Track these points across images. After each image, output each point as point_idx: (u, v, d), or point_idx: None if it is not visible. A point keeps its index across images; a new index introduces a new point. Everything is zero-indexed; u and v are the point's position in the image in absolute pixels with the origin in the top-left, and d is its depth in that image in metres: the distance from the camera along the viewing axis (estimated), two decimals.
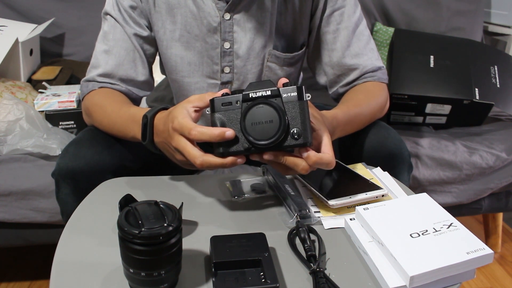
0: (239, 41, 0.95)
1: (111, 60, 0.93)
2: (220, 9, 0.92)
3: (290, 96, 0.64)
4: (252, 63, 0.97)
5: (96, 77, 0.93)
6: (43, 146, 1.19)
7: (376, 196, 0.72)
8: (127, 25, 0.93)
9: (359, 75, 0.96)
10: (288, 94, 0.64)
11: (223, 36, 0.94)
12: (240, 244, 0.60)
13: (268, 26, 0.94)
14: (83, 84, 0.95)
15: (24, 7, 1.66)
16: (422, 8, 1.82)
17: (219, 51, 0.95)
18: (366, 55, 0.96)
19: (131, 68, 0.94)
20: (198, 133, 0.64)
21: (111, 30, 0.94)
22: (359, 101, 0.90)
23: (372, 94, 0.94)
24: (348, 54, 0.95)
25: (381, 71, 0.97)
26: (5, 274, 1.48)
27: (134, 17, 0.94)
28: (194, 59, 0.97)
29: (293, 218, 0.70)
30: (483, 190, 1.41)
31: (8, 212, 1.19)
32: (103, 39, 0.95)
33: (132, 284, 0.55)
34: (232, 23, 0.93)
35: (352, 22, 0.95)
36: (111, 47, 0.93)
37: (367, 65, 0.96)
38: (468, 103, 1.46)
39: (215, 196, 0.78)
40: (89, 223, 0.69)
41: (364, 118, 0.89)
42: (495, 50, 1.67)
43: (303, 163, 0.65)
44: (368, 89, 0.95)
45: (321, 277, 0.57)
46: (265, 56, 0.97)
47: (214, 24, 0.93)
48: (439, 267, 0.55)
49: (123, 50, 0.93)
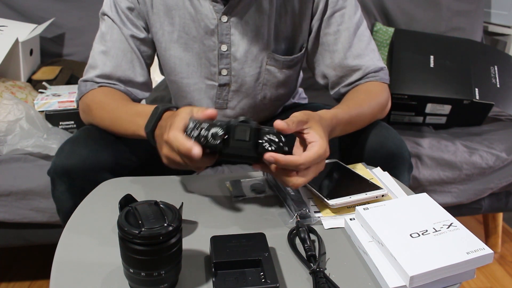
0: (236, 44, 0.95)
1: (109, 61, 0.92)
2: (217, 11, 0.92)
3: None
4: (250, 66, 0.97)
5: (95, 78, 0.93)
6: (43, 146, 1.19)
7: (376, 196, 0.72)
8: (124, 26, 0.93)
9: (361, 75, 0.96)
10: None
11: (220, 38, 0.94)
12: (240, 244, 0.60)
13: (266, 29, 0.94)
14: (81, 84, 0.94)
15: (24, 7, 1.66)
16: (422, 8, 1.82)
17: (216, 53, 0.95)
18: (367, 55, 0.96)
19: (129, 69, 0.94)
20: (172, 137, 0.65)
21: (108, 31, 0.93)
22: (360, 101, 0.90)
23: (374, 94, 0.93)
24: (350, 55, 0.95)
25: (383, 72, 0.97)
26: (5, 274, 1.48)
27: (132, 19, 0.93)
28: (193, 60, 0.97)
29: (293, 218, 0.70)
30: (483, 190, 1.41)
31: (8, 212, 1.19)
32: (100, 40, 0.94)
33: (132, 284, 0.55)
34: (230, 25, 0.93)
35: (353, 23, 0.94)
36: (108, 48, 0.93)
37: (370, 66, 0.95)
38: (468, 103, 1.46)
39: (215, 196, 0.78)
40: (89, 223, 0.69)
41: (365, 118, 0.89)
42: (495, 50, 1.67)
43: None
44: (369, 89, 0.94)
45: (321, 277, 0.57)
46: (263, 59, 0.97)
47: (211, 26, 0.93)
48: (439, 267, 0.55)
49: (121, 51, 0.93)
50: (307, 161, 0.65)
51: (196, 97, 1.01)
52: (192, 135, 0.64)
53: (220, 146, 0.65)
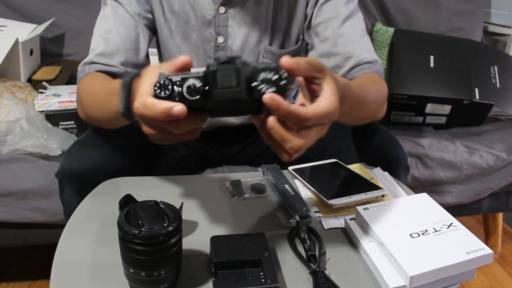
0: (233, 36, 0.93)
1: (111, 40, 0.87)
2: (215, 2, 0.90)
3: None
4: (246, 58, 0.95)
5: (93, 58, 0.87)
6: (43, 146, 1.19)
7: (376, 196, 0.72)
8: (130, 4, 0.90)
9: (354, 64, 0.89)
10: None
11: (217, 30, 0.93)
12: (240, 244, 0.60)
13: (264, 21, 0.93)
14: (80, 69, 0.88)
15: (24, 7, 1.66)
16: (422, 8, 1.82)
17: (213, 45, 0.94)
18: (360, 44, 0.90)
19: (132, 49, 0.89)
20: (140, 105, 0.50)
21: (111, 12, 0.90)
22: (365, 85, 0.79)
23: (377, 82, 0.86)
24: (341, 42, 0.90)
25: (378, 64, 0.90)
26: (5, 274, 1.48)
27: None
28: (190, 50, 0.96)
29: (293, 218, 0.70)
30: (483, 190, 1.41)
31: (8, 212, 1.19)
32: (103, 21, 0.90)
33: (132, 284, 0.55)
34: (227, 17, 0.92)
35: (345, 12, 0.91)
36: (111, 28, 0.88)
37: (363, 55, 0.89)
38: (468, 103, 1.46)
39: (215, 196, 0.78)
40: (89, 223, 0.69)
41: (369, 104, 0.78)
42: (495, 50, 1.67)
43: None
44: (371, 77, 0.88)
45: (321, 277, 0.57)
46: (260, 52, 0.96)
47: (209, 17, 0.92)
48: (439, 267, 0.55)
49: (125, 29, 0.89)
50: (316, 115, 0.50)
51: None
52: (161, 96, 0.49)
53: (202, 101, 0.49)
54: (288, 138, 0.50)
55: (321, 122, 0.52)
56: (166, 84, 0.49)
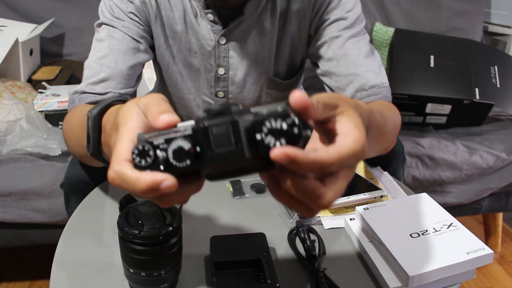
0: (235, 68, 0.89)
1: (106, 67, 0.79)
2: (215, 32, 0.85)
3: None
4: (249, 89, 0.92)
5: (85, 87, 0.78)
6: (43, 146, 1.19)
7: (375, 197, 0.72)
8: (128, 27, 0.82)
9: (358, 87, 0.81)
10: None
11: (218, 61, 0.88)
12: (240, 244, 0.60)
13: (268, 52, 0.88)
14: (70, 99, 0.80)
15: (24, 7, 1.66)
16: (422, 8, 1.82)
17: (213, 76, 0.90)
18: (364, 66, 0.82)
19: (127, 73, 0.81)
20: (118, 178, 0.37)
21: (107, 36, 0.82)
22: (383, 112, 0.65)
23: (392, 111, 0.78)
24: (344, 62, 0.83)
25: (384, 88, 0.82)
26: (5, 274, 1.48)
27: (137, 20, 0.84)
28: (192, 77, 0.92)
29: (293, 218, 0.70)
30: (483, 190, 1.41)
31: (8, 212, 1.19)
32: (98, 45, 0.82)
33: (132, 284, 0.55)
34: (228, 47, 0.86)
35: (350, 33, 0.84)
36: (106, 53, 0.81)
37: (367, 77, 0.81)
38: (468, 103, 1.46)
39: (215, 196, 0.78)
40: (89, 223, 0.69)
41: (388, 135, 0.68)
42: (495, 50, 1.67)
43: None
44: (385, 104, 0.80)
45: (321, 277, 0.57)
46: (263, 83, 0.92)
47: (209, 48, 0.87)
48: (439, 267, 0.55)
49: (121, 54, 0.81)
50: (340, 158, 0.38)
51: (196, 112, 0.97)
52: (141, 166, 0.37)
53: (194, 166, 0.37)
54: (316, 197, 0.38)
55: (348, 165, 0.41)
56: (146, 150, 0.37)
